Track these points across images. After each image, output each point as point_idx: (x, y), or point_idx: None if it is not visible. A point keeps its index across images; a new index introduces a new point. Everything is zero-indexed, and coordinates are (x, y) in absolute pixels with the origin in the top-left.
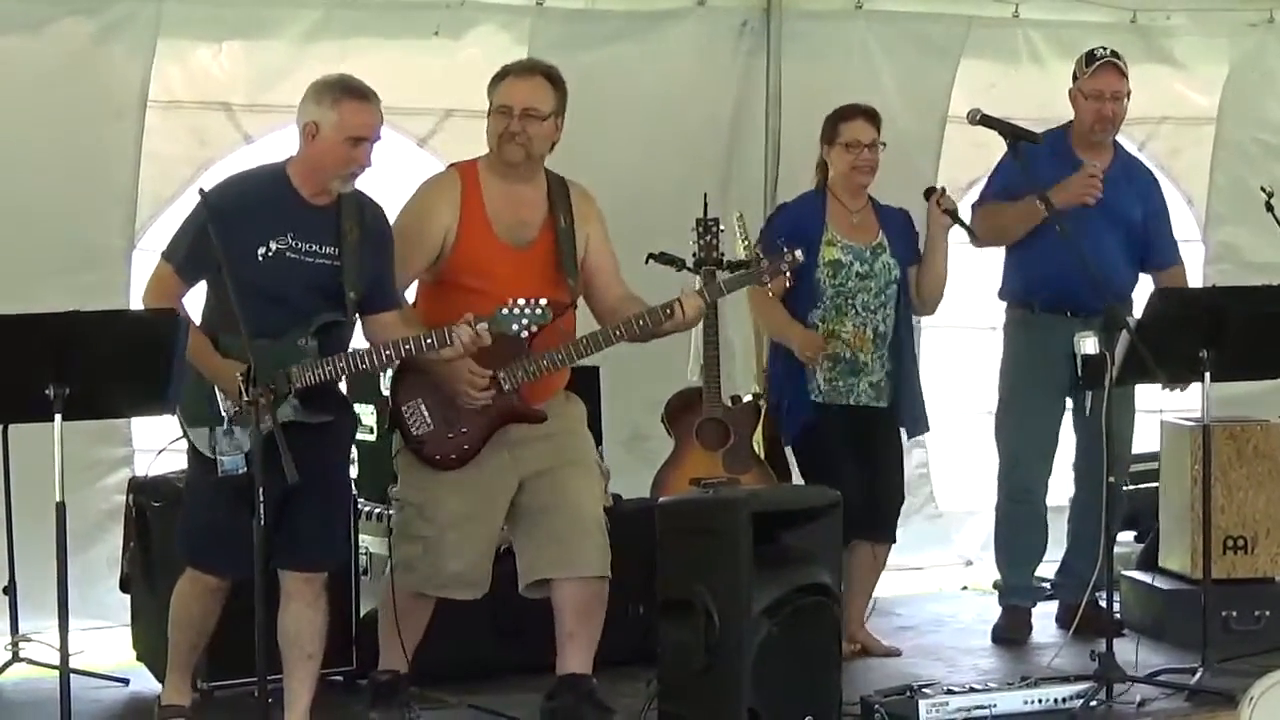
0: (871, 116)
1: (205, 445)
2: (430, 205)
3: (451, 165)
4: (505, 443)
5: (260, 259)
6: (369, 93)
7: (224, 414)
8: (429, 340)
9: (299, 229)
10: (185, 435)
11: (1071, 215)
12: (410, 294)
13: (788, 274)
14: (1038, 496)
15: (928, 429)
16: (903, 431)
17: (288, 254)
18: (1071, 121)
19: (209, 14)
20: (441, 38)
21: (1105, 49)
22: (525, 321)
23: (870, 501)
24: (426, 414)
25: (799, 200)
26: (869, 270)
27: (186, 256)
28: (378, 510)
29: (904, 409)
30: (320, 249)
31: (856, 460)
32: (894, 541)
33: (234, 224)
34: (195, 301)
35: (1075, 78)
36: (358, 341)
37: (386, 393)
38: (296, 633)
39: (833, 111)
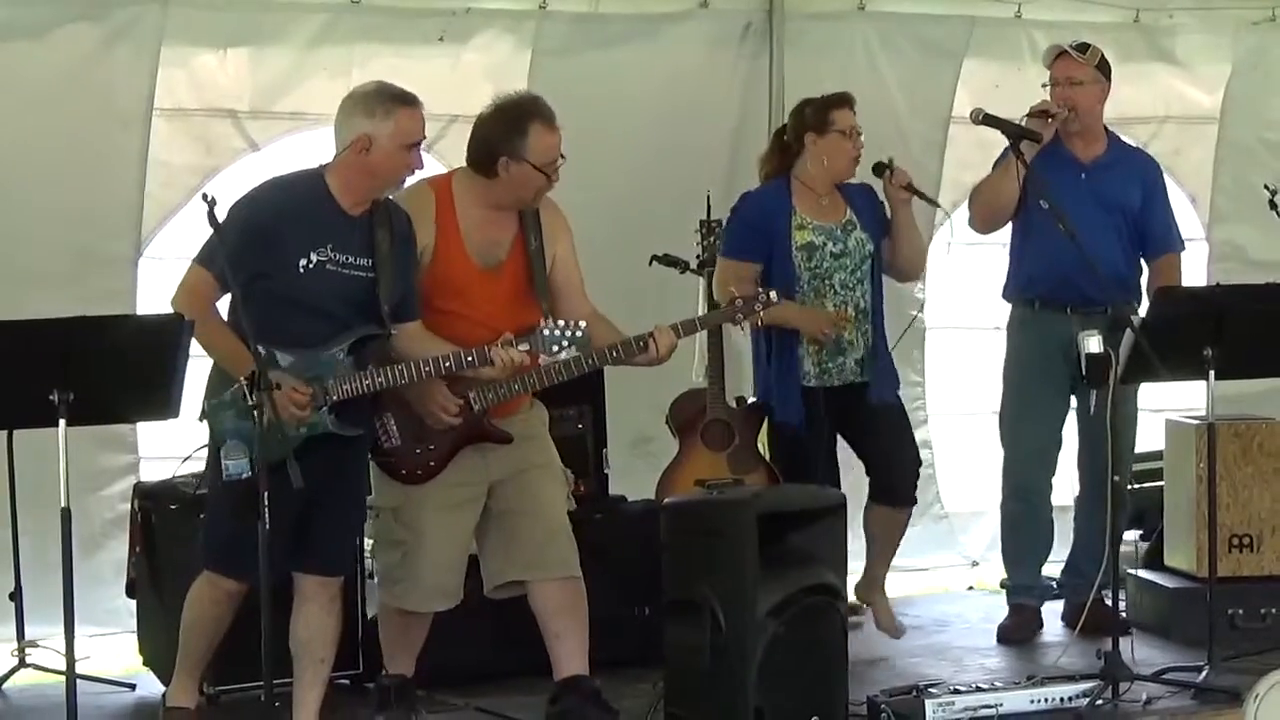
0: (854, 104)
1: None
2: None
3: (425, 180)
4: (479, 449)
5: (301, 270)
6: (414, 97)
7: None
8: (469, 358)
9: (338, 240)
10: (211, 434)
11: (1067, 208)
12: None
13: (760, 313)
14: (1042, 494)
15: (899, 385)
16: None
17: (327, 266)
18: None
19: (213, 20)
20: (446, 43)
21: (1071, 43)
22: (566, 343)
23: (885, 468)
24: (395, 429)
25: (763, 188)
26: (843, 249)
27: (226, 265)
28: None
29: (878, 374)
30: (357, 260)
31: (858, 440)
32: (914, 503)
33: (279, 238)
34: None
35: None
36: None
37: None
38: (309, 637)
39: (817, 100)
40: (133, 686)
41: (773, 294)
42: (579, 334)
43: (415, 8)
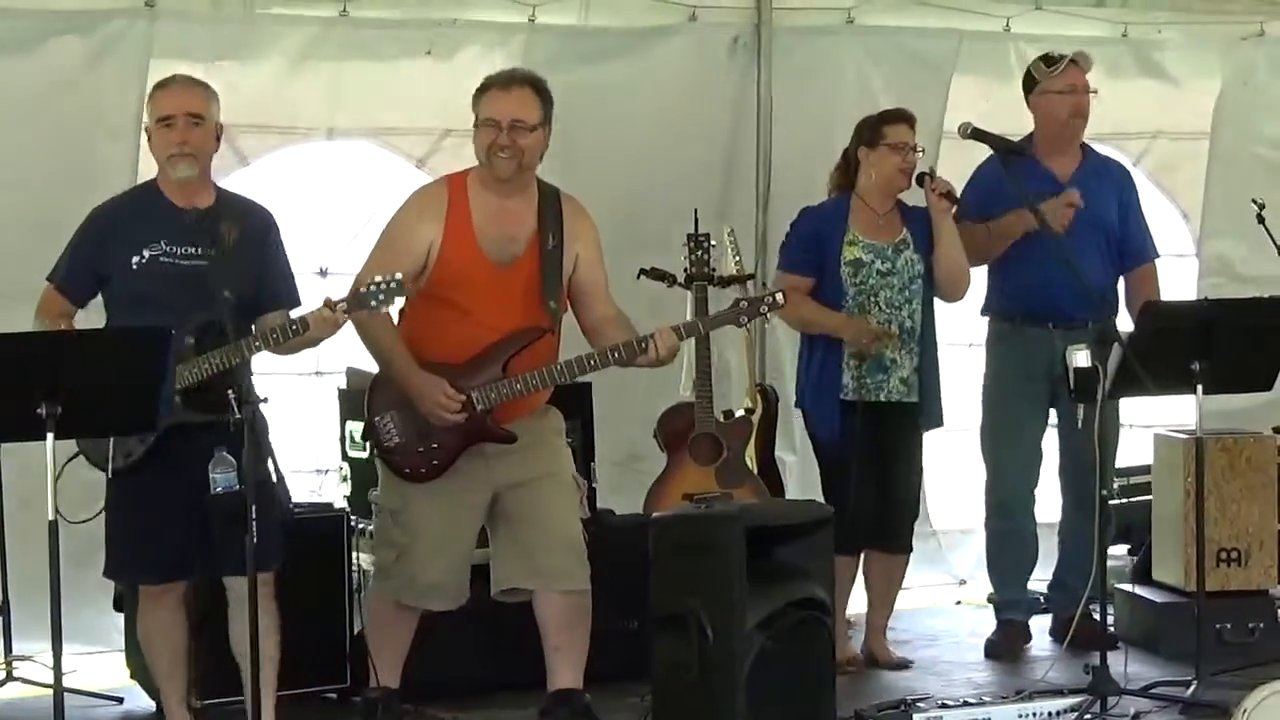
0: (912, 122)
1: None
2: (415, 219)
3: (444, 176)
4: (481, 454)
5: (135, 267)
6: (175, 79)
7: None
8: (294, 327)
9: (172, 235)
10: (81, 453)
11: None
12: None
13: (767, 314)
14: (1026, 509)
15: (941, 423)
16: (920, 422)
17: (161, 259)
18: (1032, 133)
19: (201, 33)
20: (435, 57)
21: (1075, 52)
22: (382, 298)
23: (885, 511)
24: (397, 427)
25: (823, 204)
26: (891, 267)
27: (66, 274)
28: (370, 527)
29: (923, 402)
30: (196, 251)
31: (875, 470)
32: (909, 551)
33: (110, 238)
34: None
35: (1031, 85)
36: None
37: None
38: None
39: (873, 115)
40: (120, 700)
41: (778, 295)
42: (393, 284)
43: (403, 20)
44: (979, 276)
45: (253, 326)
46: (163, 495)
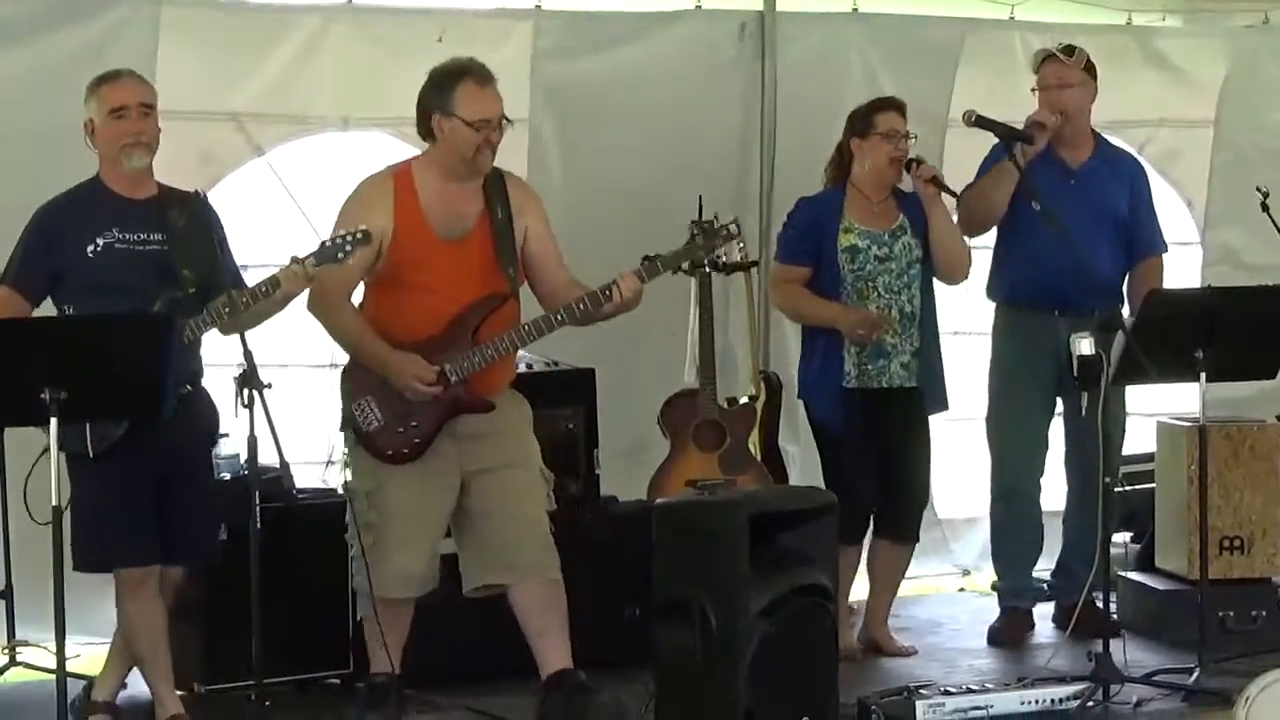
0: (902, 109)
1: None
2: (365, 210)
3: (387, 166)
4: (453, 435)
5: (91, 255)
6: (121, 72)
7: None
8: (263, 289)
9: (123, 223)
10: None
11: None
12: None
13: (722, 246)
14: (1031, 496)
15: (946, 407)
16: (923, 405)
17: (116, 245)
18: None
19: (208, 21)
20: (445, 45)
21: (1057, 45)
22: (349, 249)
23: (893, 500)
24: (376, 410)
25: (819, 194)
26: (888, 253)
27: (20, 273)
28: None
29: (931, 383)
30: (148, 237)
31: (881, 457)
32: (917, 540)
33: (60, 233)
34: None
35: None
36: None
37: None
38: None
39: (863, 105)
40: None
41: (732, 225)
42: (359, 235)
43: (413, 9)
44: (982, 262)
45: (205, 307)
46: (137, 478)
